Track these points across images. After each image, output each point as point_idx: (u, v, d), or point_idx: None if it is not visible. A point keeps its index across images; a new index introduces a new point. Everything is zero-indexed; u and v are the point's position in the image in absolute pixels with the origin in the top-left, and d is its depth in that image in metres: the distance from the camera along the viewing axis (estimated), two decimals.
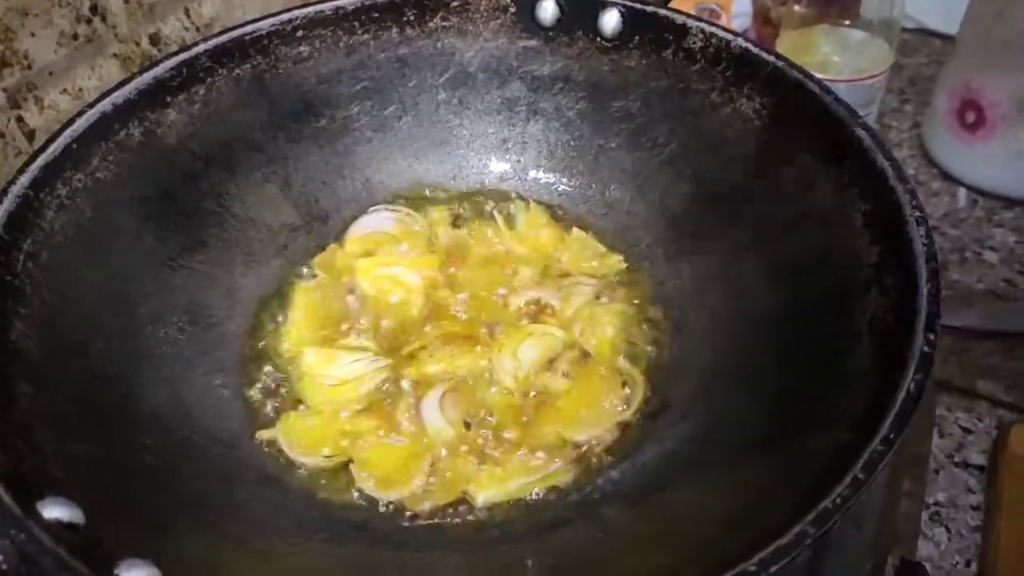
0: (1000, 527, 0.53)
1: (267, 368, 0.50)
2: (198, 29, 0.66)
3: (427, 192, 0.60)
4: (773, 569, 0.29)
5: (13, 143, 0.55)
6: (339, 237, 0.57)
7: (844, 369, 0.39)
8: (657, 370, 0.50)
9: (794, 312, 0.45)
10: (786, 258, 0.47)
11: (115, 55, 0.61)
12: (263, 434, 0.47)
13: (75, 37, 0.57)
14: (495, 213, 0.58)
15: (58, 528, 0.31)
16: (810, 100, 0.47)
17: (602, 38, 0.55)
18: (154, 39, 0.63)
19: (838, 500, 0.30)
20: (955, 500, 0.56)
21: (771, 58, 0.49)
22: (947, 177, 0.78)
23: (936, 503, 0.56)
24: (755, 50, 0.50)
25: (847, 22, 0.74)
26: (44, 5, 0.55)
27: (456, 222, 0.58)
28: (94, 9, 0.58)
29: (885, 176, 0.41)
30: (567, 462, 0.46)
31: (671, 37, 0.53)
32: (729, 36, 0.51)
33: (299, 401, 0.49)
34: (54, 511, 0.32)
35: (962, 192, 0.77)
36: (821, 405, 0.38)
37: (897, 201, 0.40)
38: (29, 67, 0.55)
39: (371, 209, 0.58)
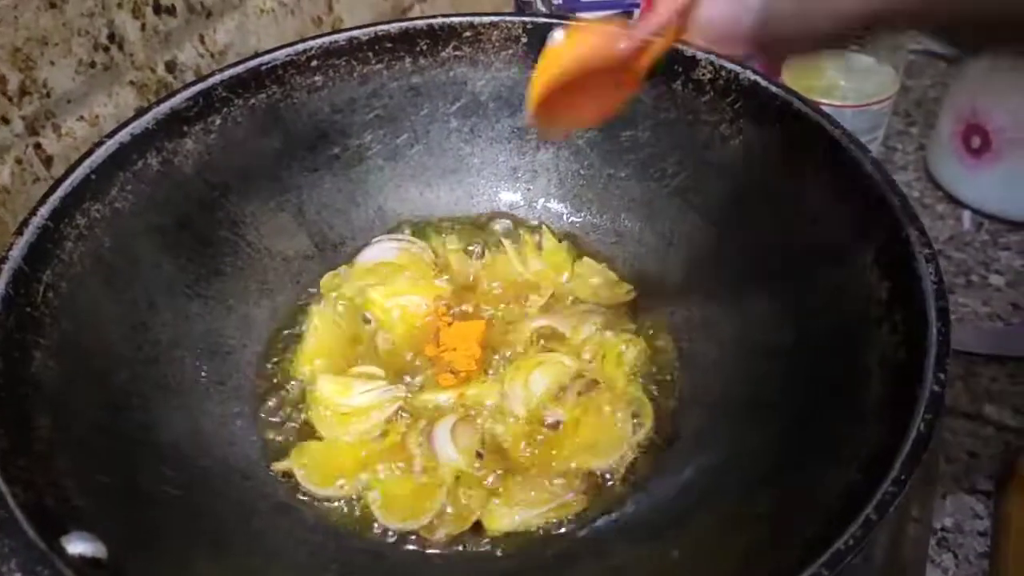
0: (1008, 553, 0.53)
1: (282, 397, 0.51)
2: (213, 56, 0.66)
3: (438, 220, 0.61)
4: None
5: (31, 169, 0.56)
6: (351, 264, 0.58)
7: (855, 405, 0.39)
8: (667, 401, 0.50)
9: (803, 346, 0.45)
10: (796, 291, 0.47)
11: (131, 82, 0.62)
12: (278, 465, 0.47)
13: (92, 65, 0.58)
14: (505, 241, 0.59)
15: (83, 565, 0.32)
16: (819, 134, 0.47)
17: None
18: (170, 66, 0.64)
19: (851, 541, 0.30)
20: (962, 525, 0.56)
21: (780, 91, 0.49)
22: (952, 200, 0.78)
23: (943, 528, 0.56)
24: (764, 83, 0.50)
25: (854, 47, 0.75)
26: (64, 34, 0.55)
27: (467, 250, 0.59)
28: (111, 37, 0.59)
29: (894, 212, 0.42)
30: (579, 492, 0.46)
31: (680, 68, 0.54)
32: (738, 68, 0.51)
33: (313, 430, 0.49)
34: (78, 547, 0.32)
35: (967, 215, 0.77)
36: (832, 442, 0.38)
37: (906, 237, 0.41)
38: (48, 95, 0.56)
39: (374, 240, 0.58)
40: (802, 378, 0.44)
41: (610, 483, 0.47)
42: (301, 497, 0.46)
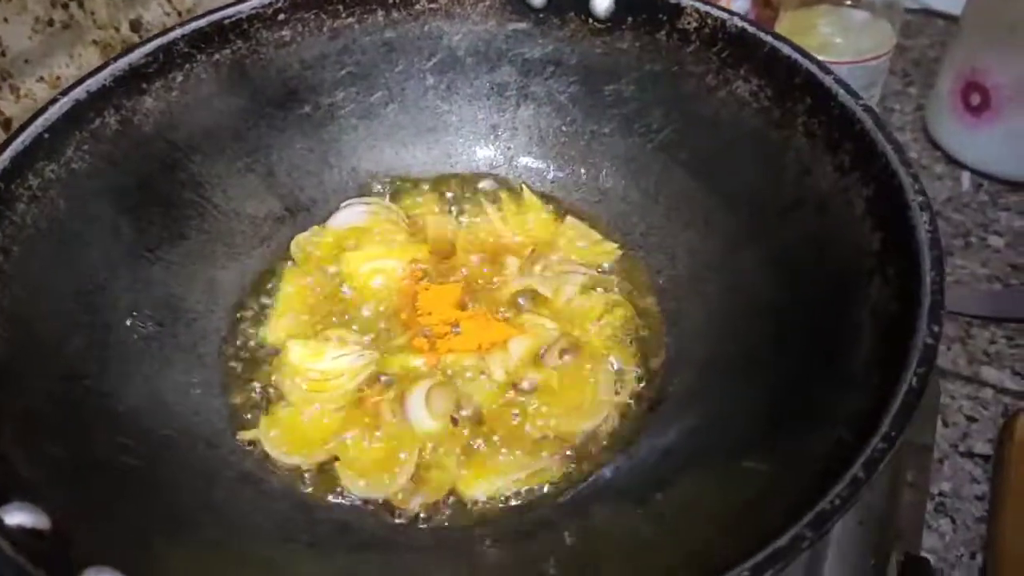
0: (1006, 518, 0.52)
1: (250, 363, 0.49)
2: (180, 14, 0.64)
3: (415, 181, 0.58)
4: (769, 574, 0.27)
5: None
6: (322, 227, 0.56)
7: (845, 362, 0.37)
8: (652, 362, 0.48)
9: (794, 302, 0.43)
10: (785, 246, 0.45)
11: (94, 42, 0.59)
12: (244, 434, 0.45)
13: (51, 23, 0.56)
14: (484, 202, 0.56)
15: (21, 535, 0.30)
16: (809, 81, 0.45)
17: (594, 19, 0.53)
18: (134, 25, 0.62)
19: (837, 501, 0.28)
20: (960, 491, 0.55)
21: (768, 38, 0.47)
22: (951, 161, 0.77)
23: (941, 493, 0.55)
24: (752, 30, 0.48)
25: (848, 2, 0.72)
26: None
27: (444, 211, 0.56)
28: None
29: (887, 160, 0.39)
30: (558, 457, 0.44)
31: (665, 17, 0.51)
32: (725, 16, 0.49)
33: (282, 397, 0.47)
34: (16, 517, 0.30)
35: (966, 176, 0.76)
36: (821, 399, 0.37)
37: (899, 185, 0.38)
38: (3, 54, 0.53)
39: (344, 204, 0.56)
40: (792, 335, 0.42)
41: (592, 447, 0.45)
42: (268, 466, 0.44)
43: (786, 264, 0.45)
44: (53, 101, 0.46)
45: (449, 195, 0.58)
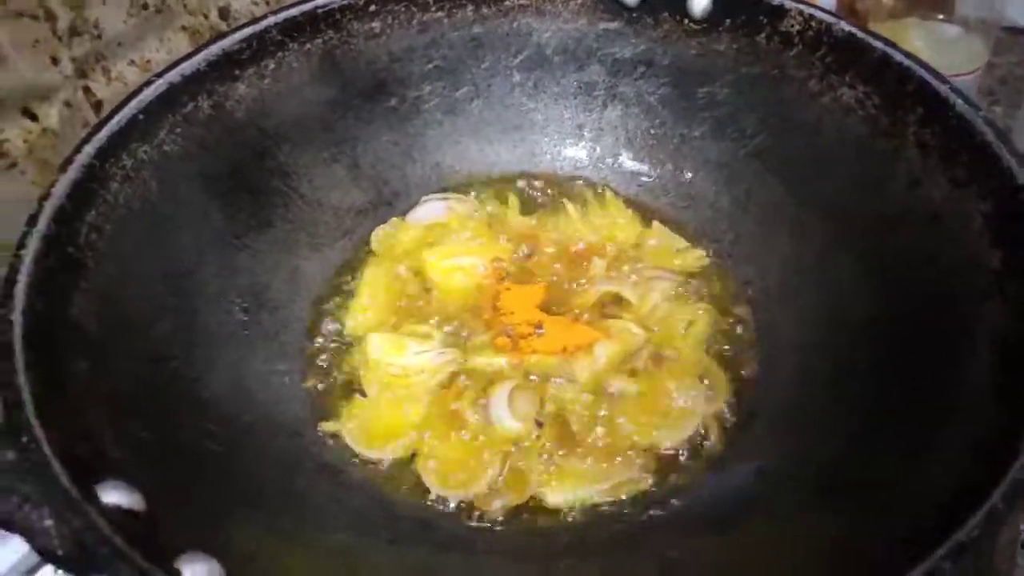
0: None
1: (331, 354, 0.48)
2: (267, 3, 0.64)
3: (498, 178, 0.57)
4: None
5: (80, 113, 0.54)
6: (402, 219, 0.55)
7: (959, 384, 0.35)
8: (742, 376, 0.47)
9: (897, 319, 0.41)
10: (889, 259, 0.43)
11: (184, 28, 0.60)
12: (326, 425, 0.45)
13: (145, 7, 0.56)
14: (567, 202, 0.55)
15: (117, 514, 0.29)
16: (922, 89, 0.43)
17: (690, 20, 0.52)
18: (223, 13, 0.62)
19: (975, 532, 0.26)
20: None
21: (879, 44, 0.45)
22: None
23: None
24: (860, 35, 0.46)
25: (940, 16, 0.70)
26: None
27: (528, 210, 0.55)
28: None
29: (1012, 174, 0.37)
30: (644, 470, 0.43)
31: (766, 20, 0.50)
32: (831, 19, 0.47)
33: (362, 390, 0.46)
34: (112, 495, 0.30)
35: None
36: (934, 424, 0.35)
37: None
38: (99, 36, 0.54)
39: (424, 199, 0.55)
40: (895, 353, 0.40)
41: (679, 462, 0.43)
42: (348, 459, 0.44)
43: (890, 278, 0.43)
44: (148, 83, 0.45)
45: (532, 194, 0.57)
